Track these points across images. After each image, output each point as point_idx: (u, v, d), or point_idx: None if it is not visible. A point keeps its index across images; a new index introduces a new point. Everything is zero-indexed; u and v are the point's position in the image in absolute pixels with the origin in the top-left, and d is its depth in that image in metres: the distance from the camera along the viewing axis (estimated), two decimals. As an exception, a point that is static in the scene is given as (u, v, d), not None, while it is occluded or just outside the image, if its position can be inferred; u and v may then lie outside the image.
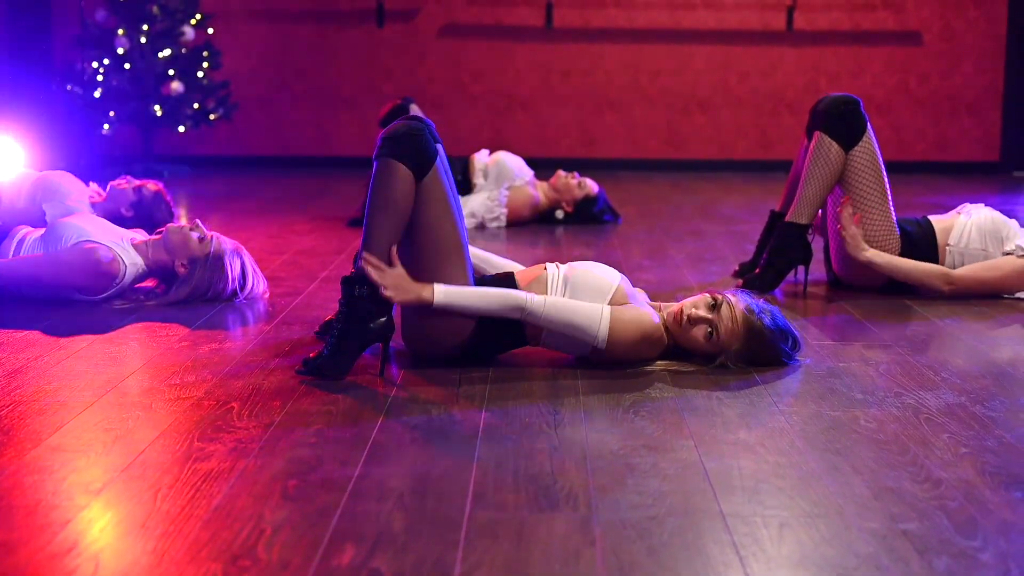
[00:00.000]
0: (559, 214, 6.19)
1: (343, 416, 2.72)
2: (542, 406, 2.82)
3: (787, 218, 4.23)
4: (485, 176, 6.20)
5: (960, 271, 4.14)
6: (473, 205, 6.03)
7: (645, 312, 3.12)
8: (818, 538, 2.04)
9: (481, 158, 6.30)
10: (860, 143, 4.14)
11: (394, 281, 3.00)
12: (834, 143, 4.13)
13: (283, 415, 2.72)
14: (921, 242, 4.21)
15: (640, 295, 3.25)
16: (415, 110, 6.26)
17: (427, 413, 2.75)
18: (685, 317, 3.11)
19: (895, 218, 4.21)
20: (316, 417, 2.70)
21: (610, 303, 3.11)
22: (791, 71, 9.12)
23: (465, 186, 6.20)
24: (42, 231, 4.06)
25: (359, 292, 2.97)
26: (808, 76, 9.09)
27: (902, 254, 4.19)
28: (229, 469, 2.35)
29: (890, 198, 4.20)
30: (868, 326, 3.75)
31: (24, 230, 4.11)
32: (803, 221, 4.19)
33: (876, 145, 4.18)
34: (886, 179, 4.19)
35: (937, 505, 2.20)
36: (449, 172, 3.16)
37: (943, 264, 4.21)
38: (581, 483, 2.29)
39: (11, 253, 4.01)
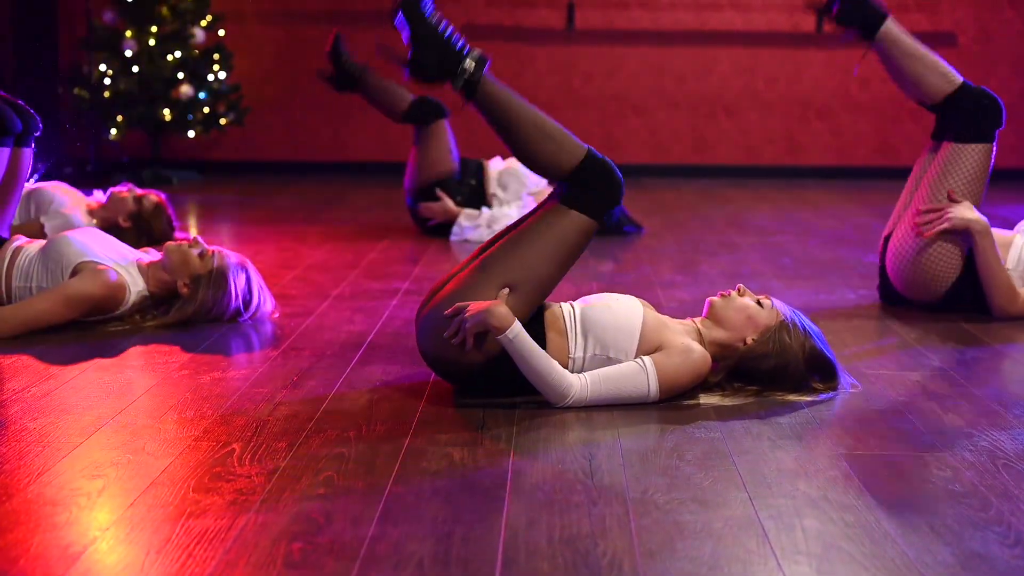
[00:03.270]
0: None
1: (356, 461, 2.44)
2: (576, 448, 2.54)
3: None
4: (500, 185, 5.91)
5: None
6: (498, 216, 5.74)
7: (686, 345, 2.85)
8: (904, 621, 1.77)
9: (495, 165, 6.01)
10: (983, 144, 3.94)
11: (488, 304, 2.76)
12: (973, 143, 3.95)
13: (289, 459, 2.45)
14: None
15: (666, 319, 2.98)
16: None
17: (448, 458, 2.48)
18: (735, 291, 2.99)
19: None
20: (326, 462, 2.43)
21: (641, 340, 2.85)
22: (820, 74, 8.82)
23: (480, 192, 5.91)
24: (40, 244, 3.76)
25: None
26: (838, 79, 8.79)
27: (964, 274, 3.89)
28: (227, 528, 2.08)
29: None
30: (924, 352, 3.46)
31: (17, 241, 3.81)
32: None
33: (993, 156, 3.93)
34: (984, 193, 3.92)
35: (1035, 577, 1.92)
36: None
37: None
38: (625, 547, 2.02)
39: (3, 266, 3.71)
